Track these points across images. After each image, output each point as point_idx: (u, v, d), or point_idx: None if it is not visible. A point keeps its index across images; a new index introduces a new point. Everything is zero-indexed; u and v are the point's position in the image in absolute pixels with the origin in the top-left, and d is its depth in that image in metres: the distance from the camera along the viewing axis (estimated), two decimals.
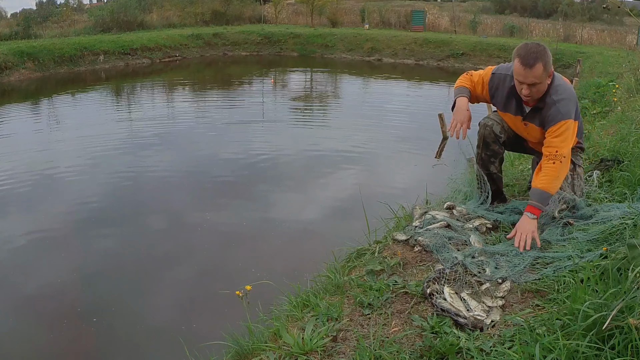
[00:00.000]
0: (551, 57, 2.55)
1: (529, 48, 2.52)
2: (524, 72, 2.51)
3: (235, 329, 2.21)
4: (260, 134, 10.07)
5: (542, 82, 2.54)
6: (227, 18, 26.25)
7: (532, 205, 2.50)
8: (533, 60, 2.47)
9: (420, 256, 2.54)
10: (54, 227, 5.65)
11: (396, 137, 9.64)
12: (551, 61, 2.55)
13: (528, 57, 2.49)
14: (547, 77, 2.56)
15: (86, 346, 3.69)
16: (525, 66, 2.49)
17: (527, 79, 2.52)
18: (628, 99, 6.24)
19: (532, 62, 2.48)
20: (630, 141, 3.70)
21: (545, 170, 2.53)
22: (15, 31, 19.43)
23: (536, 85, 2.54)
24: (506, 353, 1.65)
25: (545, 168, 2.54)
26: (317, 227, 5.79)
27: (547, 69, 2.52)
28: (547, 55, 2.52)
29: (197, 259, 5.03)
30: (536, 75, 2.49)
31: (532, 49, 2.51)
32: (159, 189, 6.89)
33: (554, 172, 2.51)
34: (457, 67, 19.56)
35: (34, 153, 8.43)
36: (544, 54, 2.50)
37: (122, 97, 14.44)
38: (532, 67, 2.48)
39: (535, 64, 2.47)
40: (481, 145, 2.94)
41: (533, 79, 2.51)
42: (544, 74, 2.52)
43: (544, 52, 2.51)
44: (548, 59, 2.52)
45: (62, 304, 4.19)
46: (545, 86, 2.59)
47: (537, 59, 2.47)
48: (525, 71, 2.50)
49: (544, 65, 2.49)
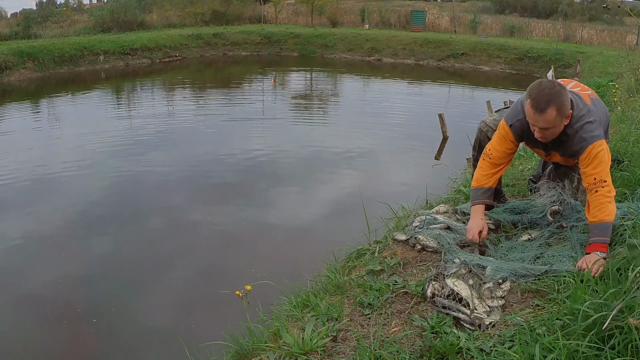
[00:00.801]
0: (568, 98, 2.35)
1: (541, 89, 2.31)
2: (534, 116, 2.34)
3: (235, 329, 2.21)
4: (260, 134, 10.07)
5: (555, 126, 2.36)
6: (227, 18, 26.24)
7: (595, 242, 2.26)
8: (544, 104, 2.29)
9: (420, 256, 2.54)
10: (53, 227, 5.65)
11: (396, 137, 9.65)
12: (568, 102, 2.34)
13: (539, 101, 2.30)
14: (564, 118, 2.36)
15: (86, 346, 3.69)
16: (536, 110, 2.31)
17: (538, 123, 2.35)
18: (628, 99, 6.24)
19: (543, 107, 2.29)
20: (630, 141, 3.71)
21: (592, 202, 2.32)
22: (15, 31, 19.42)
23: (549, 129, 2.37)
24: (506, 353, 1.65)
25: (591, 201, 2.33)
26: (317, 227, 5.80)
27: (562, 112, 2.32)
28: (562, 98, 2.31)
29: (197, 259, 5.03)
30: (548, 120, 2.32)
31: (545, 90, 2.30)
32: (159, 188, 6.89)
33: (600, 198, 2.30)
34: (457, 67, 19.57)
35: (34, 152, 8.44)
36: (558, 96, 2.29)
37: (122, 97, 14.44)
38: (543, 112, 2.30)
39: (547, 108, 2.29)
40: (477, 148, 2.92)
41: (544, 123, 2.34)
42: (558, 118, 2.32)
43: (559, 94, 2.30)
44: (563, 101, 2.31)
45: (61, 304, 4.19)
46: (561, 129, 2.40)
47: (550, 102, 2.28)
48: (536, 115, 2.33)
49: (557, 109, 2.29)
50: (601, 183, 2.31)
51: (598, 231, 2.27)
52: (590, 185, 2.34)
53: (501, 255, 2.41)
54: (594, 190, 2.32)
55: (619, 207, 2.50)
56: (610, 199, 2.31)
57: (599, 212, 2.28)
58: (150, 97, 14.46)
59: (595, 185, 2.32)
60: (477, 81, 17.18)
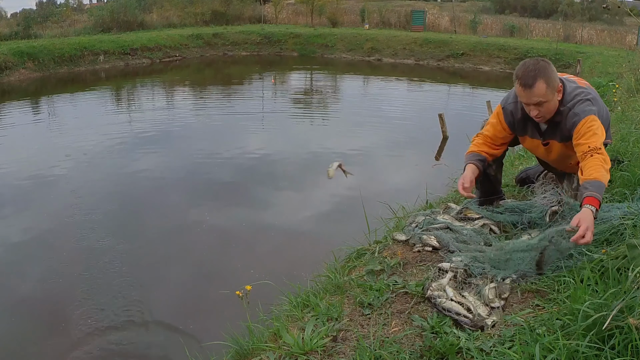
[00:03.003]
0: (555, 71, 2.40)
1: (526, 67, 2.37)
2: (525, 94, 2.38)
3: (235, 329, 2.21)
4: (260, 134, 10.07)
5: (548, 99, 2.38)
6: (227, 18, 26.25)
7: (589, 196, 2.16)
8: (532, 79, 2.34)
9: (420, 256, 2.54)
10: (51, 227, 5.65)
11: (396, 137, 9.65)
12: (556, 75, 2.39)
13: (527, 77, 2.35)
14: (555, 92, 2.40)
15: (86, 347, 3.69)
16: (525, 87, 2.36)
17: (531, 99, 2.38)
18: (628, 99, 6.24)
19: (531, 82, 2.34)
20: (630, 141, 3.70)
21: (586, 165, 2.27)
22: (15, 31, 19.43)
23: (543, 104, 2.39)
24: (506, 353, 1.65)
25: (584, 165, 2.28)
26: (316, 227, 5.80)
27: (552, 84, 2.36)
28: (549, 71, 2.36)
29: (196, 259, 5.03)
30: (539, 94, 2.35)
31: (530, 67, 2.36)
32: (158, 188, 6.89)
33: (596, 162, 2.24)
34: (457, 67, 19.57)
35: (34, 152, 8.44)
36: (544, 70, 2.35)
37: (122, 97, 14.44)
38: (532, 86, 2.34)
39: (535, 82, 2.33)
40: None
41: (537, 98, 2.36)
42: (549, 91, 2.36)
43: (544, 68, 2.36)
44: (550, 74, 2.36)
45: (61, 304, 4.18)
46: (556, 102, 2.43)
47: (537, 77, 2.33)
48: (526, 92, 2.37)
49: (545, 81, 2.34)
50: (596, 150, 2.27)
51: (592, 187, 2.18)
52: (585, 153, 2.28)
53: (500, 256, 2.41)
54: (589, 155, 2.26)
55: (618, 207, 2.50)
56: (607, 166, 2.25)
57: (594, 171, 2.21)
58: (150, 97, 14.46)
59: (590, 152, 2.27)
60: (477, 81, 17.17)
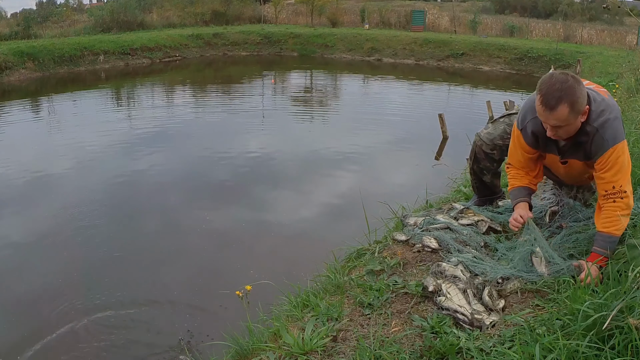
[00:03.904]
0: (583, 91, 2.08)
1: (552, 84, 2.05)
2: (544, 114, 2.09)
3: (235, 329, 2.21)
4: (260, 134, 10.07)
5: (569, 124, 2.10)
6: (227, 18, 26.25)
7: (595, 252, 2.10)
8: (555, 101, 2.03)
9: (420, 256, 2.54)
10: (50, 227, 5.64)
11: (396, 137, 9.65)
12: (584, 96, 2.08)
13: (550, 97, 2.04)
14: (579, 115, 2.10)
15: (85, 347, 3.69)
16: (546, 107, 2.06)
17: (549, 120, 2.10)
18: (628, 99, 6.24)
19: (554, 104, 2.03)
20: (630, 141, 3.70)
21: (605, 212, 2.13)
22: (15, 31, 19.41)
23: (562, 127, 2.12)
24: (506, 353, 1.65)
25: (605, 209, 2.13)
26: (316, 227, 5.79)
27: (576, 108, 2.06)
28: (577, 93, 2.04)
29: (196, 259, 5.02)
30: (560, 118, 2.06)
31: (556, 85, 2.04)
32: (158, 189, 6.88)
33: (615, 210, 2.10)
34: (457, 67, 19.56)
35: (33, 152, 8.44)
36: (571, 91, 2.03)
37: (122, 97, 14.44)
38: (554, 109, 2.04)
39: (558, 105, 2.03)
40: (472, 158, 2.93)
41: (556, 122, 2.09)
42: (572, 116, 2.06)
43: (572, 89, 2.03)
44: (577, 97, 2.04)
45: (60, 305, 4.18)
46: (577, 125, 2.14)
47: (561, 99, 2.02)
48: (546, 113, 2.08)
49: (570, 105, 2.03)
50: (620, 193, 2.11)
51: (604, 242, 2.09)
52: (609, 193, 2.13)
53: (500, 256, 2.41)
54: (611, 200, 2.12)
55: None
56: (627, 213, 2.13)
57: (610, 225, 2.10)
58: (150, 97, 14.46)
59: (614, 195, 2.12)
60: (477, 81, 17.17)
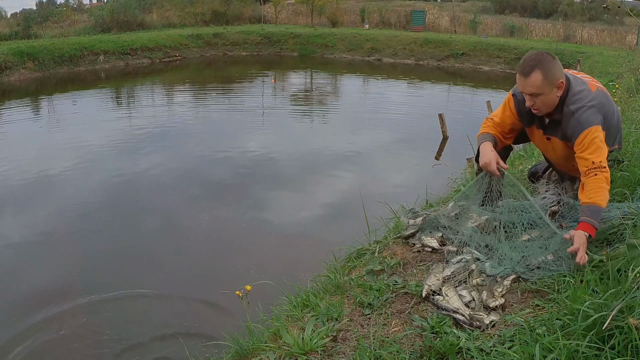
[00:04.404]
0: (558, 67, 2.37)
1: (528, 56, 2.40)
2: (520, 81, 2.40)
3: (235, 329, 2.21)
4: (261, 134, 10.07)
5: (543, 92, 2.36)
6: (227, 18, 26.25)
7: (585, 222, 2.21)
8: (529, 68, 2.35)
9: (420, 256, 2.54)
10: (50, 227, 5.64)
11: (396, 137, 9.65)
12: (558, 71, 2.37)
13: (525, 66, 2.37)
14: (554, 87, 2.37)
15: (85, 347, 3.69)
16: (522, 75, 2.37)
17: (525, 88, 2.38)
18: (628, 99, 6.24)
19: (527, 71, 2.35)
20: (630, 141, 3.70)
21: (588, 185, 2.30)
22: (15, 31, 19.41)
23: (538, 96, 2.38)
24: (506, 353, 1.65)
25: (587, 184, 2.31)
26: (316, 227, 5.79)
27: (550, 78, 2.34)
28: (550, 64, 2.35)
29: (196, 259, 5.02)
30: (533, 84, 2.34)
31: (531, 56, 2.38)
32: (158, 189, 6.89)
33: (597, 183, 2.28)
34: (457, 67, 19.56)
35: (33, 152, 8.44)
36: (544, 62, 2.35)
37: (122, 97, 14.44)
38: (528, 75, 2.35)
39: (532, 72, 2.34)
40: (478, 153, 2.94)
41: (531, 88, 2.36)
42: (545, 84, 2.34)
43: (545, 60, 2.36)
44: (550, 67, 2.34)
45: (60, 305, 4.18)
46: (553, 98, 2.40)
47: (534, 67, 2.34)
48: (521, 80, 2.38)
49: (543, 74, 2.33)
50: (600, 168, 2.29)
51: (590, 213, 2.23)
52: (590, 169, 2.30)
53: (500, 256, 2.41)
54: (592, 174, 2.29)
55: (618, 207, 2.50)
56: (608, 186, 2.28)
57: (594, 195, 2.25)
58: (150, 97, 14.46)
59: (595, 169, 2.29)
60: (477, 81, 17.17)
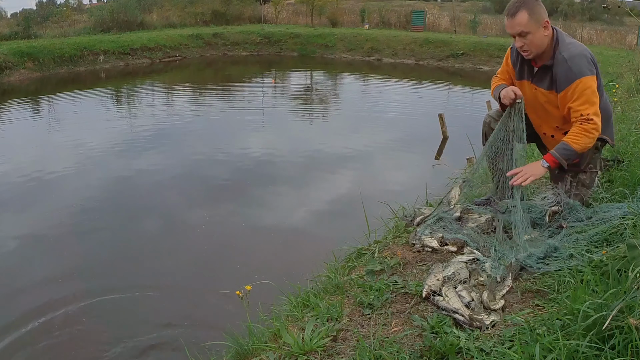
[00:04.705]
0: (542, 8, 2.48)
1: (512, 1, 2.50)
2: (508, 23, 2.49)
3: (235, 329, 2.21)
4: (260, 133, 10.06)
5: (531, 31, 2.45)
6: (227, 18, 26.24)
7: (550, 154, 2.39)
8: (515, 9, 2.45)
9: (420, 256, 2.54)
10: (50, 227, 5.63)
11: (396, 137, 9.64)
12: (542, 11, 2.47)
13: (510, 8, 2.48)
14: (540, 26, 2.47)
15: (85, 347, 3.69)
16: (509, 16, 2.47)
17: (514, 29, 2.47)
18: (628, 99, 6.24)
19: (513, 11, 2.45)
20: (630, 141, 3.70)
21: (573, 130, 2.41)
22: (15, 31, 19.39)
23: (526, 35, 2.46)
24: (506, 353, 1.65)
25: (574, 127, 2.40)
26: (316, 227, 5.79)
27: (535, 17, 2.45)
28: (533, 3, 2.46)
29: (196, 259, 5.02)
30: (521, 23, 2.44)
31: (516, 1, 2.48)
32: (158, 189, 6.88)
33: (582, 131, 2.37)
34: (457, 67, 19.55)
35: (31, 152, 8.43)
36: (528, 2, 2.45)
37: (122, 97, 14.44)
38: (515, 15, 2.44)
39: (517, 12, 2.44)
40: (484, 142, 2.94)
41: (519, 27, 2.45)
42: (531, 22, 2.44)
43: (530, 1, 2.45)
44: (534, 6, 2.46)
45: (60, 305, 4.18)
46: (541, 37, 2.48)
47: (520, 7, 2.44)
48: (509, 21, 2.48)
49: (528, 12, 2.43)
50: (589, 120, 2.38)
51: (560, 149, 2.40)
52: (578, 119, 2.40)
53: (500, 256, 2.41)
54: (579, 123, 2.40)
55: (618, 207, 2.50)
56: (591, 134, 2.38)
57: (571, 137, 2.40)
58: (150, 97, 14.46)
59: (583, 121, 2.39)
60: (477, 81, 17.14)
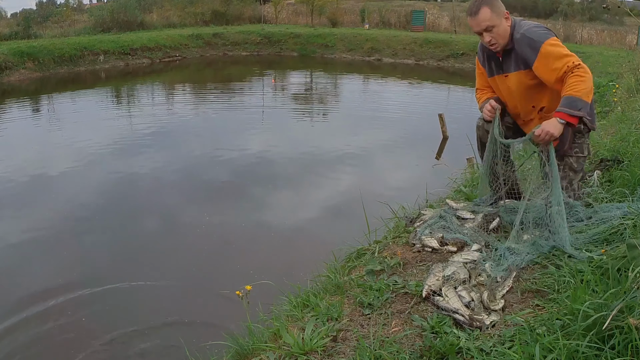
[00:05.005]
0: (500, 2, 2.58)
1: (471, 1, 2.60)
2: (473, 22, 2.57)
3: (235, 329, 2.21)
4: (260, 133, 10.06)
5: (496, 24, 2.53)
6: (227, 18, 26.23)
7: (560, 111, 2.36)
8: (476, 7, 2.53)
9: (420, 256, 2.54)
10: (50, 227, 5.63)
11: (396, 136, 9.64)
12: (500, 5, 2.57)
13: (471, 7, 2.56)
14: (502, 18, 2.55)
15: (85, 347, 3.69)
16: (472, 15, 2.55)
17: (480, 25, 2.54)
18: (628, 99, 6.24)
19: (475, 10, 2.54)
20: (630, 141, 3.70)
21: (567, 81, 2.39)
22: (15, 31, 19.39)
23: (492, 29, 2.54)
24: (506, 353, 1.65)
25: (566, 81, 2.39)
26: (317, 227, 5.79)
27: (496, 10, 2.54)
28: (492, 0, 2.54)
29: (196, 259, 5.02)
30: (484, 18, 2.52)
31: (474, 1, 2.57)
32: (157, 189, 6.88)
33: (575, 77, 2.36)
34: (457, 67, 19.54)
35: (31, 152, 8.43)
36: None
37: (122, 97, 14.44)
38: (477, 13, 2.52)
39: (479, 9, 2.52)
40: (479, 147, 2.94)
41: (484, 23, 2.53)
42: (494, 15, 2.52)
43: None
44: (494, 2, 2.54)
45: (60, 304, 4.18)
46: (506, 28, 2.57)
47: (480, 5, 2.53)
48: (474, 20, 2.55)
49: (490, 7, 2.52)
50: (576, 67, 2.38)
51: (565, 102, 2.37)
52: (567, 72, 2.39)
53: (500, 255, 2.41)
54: (570, 74, 2.39)
55: (618, 207, 2.50)
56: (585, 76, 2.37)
57: (569, 88, 2.37)
58: (150, 97, 14.45)
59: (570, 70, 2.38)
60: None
